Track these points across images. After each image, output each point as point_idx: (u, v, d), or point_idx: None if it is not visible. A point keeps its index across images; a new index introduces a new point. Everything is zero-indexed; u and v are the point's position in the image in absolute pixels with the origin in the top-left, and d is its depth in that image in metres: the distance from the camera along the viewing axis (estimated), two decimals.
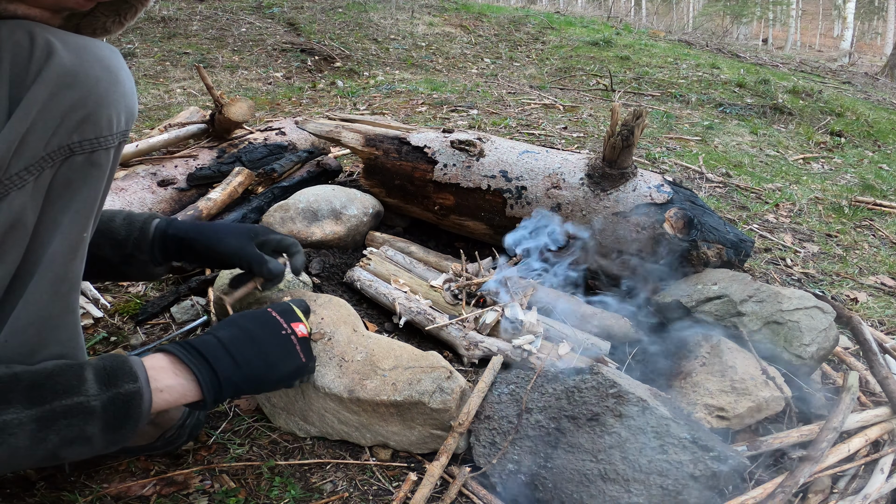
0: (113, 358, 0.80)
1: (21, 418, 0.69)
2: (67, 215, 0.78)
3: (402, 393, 1.11)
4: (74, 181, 0.77)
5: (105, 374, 0.77)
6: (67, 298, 0.81)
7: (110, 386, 0.77)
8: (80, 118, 0.75)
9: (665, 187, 1.56)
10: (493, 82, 4.82)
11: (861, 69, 10.27)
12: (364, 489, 1.07)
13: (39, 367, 0.74)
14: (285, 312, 0.99)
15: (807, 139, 3.86)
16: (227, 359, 0.89)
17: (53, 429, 0.72)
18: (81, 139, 0.76)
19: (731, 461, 0.98)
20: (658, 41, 7.52)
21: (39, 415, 0.71)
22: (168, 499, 1.01)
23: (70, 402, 0.73)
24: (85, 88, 0.76)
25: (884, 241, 2.38)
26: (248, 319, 0.96)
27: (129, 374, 0.79)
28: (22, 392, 0.70)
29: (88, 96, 0.76)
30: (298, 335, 0.98)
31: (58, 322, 0.81)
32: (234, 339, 0.91)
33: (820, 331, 1.28)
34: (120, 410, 0.77)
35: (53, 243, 0.76)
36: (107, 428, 0.76)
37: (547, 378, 1.15)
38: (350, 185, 2.08)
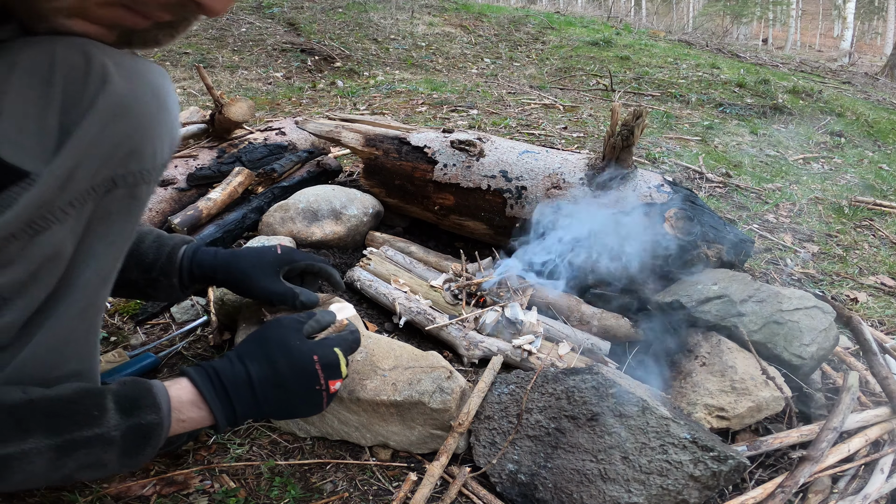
0: (135, 385, 0.78)
1: (40, 447, 0.68)
2: (103, 245, 0.76)
3: (402, 393, 1.10)
4: (114, 213, 0.76)
5: (126, 402, 0.75)
6: (93, 321, 0.81)
7: (131, 415, 0.75)
8: (128, 151, 0.74)
9: (665, 187, 1.56)
10: (493, 82, 4.82)
11: (861, 69, 10.27)
12: (364, 489, 1.07)
13: (58, 393, 0.72)
14: (330, 367, 0.91)
15: (807, 139, 3.86)
16: (251, 399, 0.85)
17: (72, 457, 0.70)
18: (125, 172, 0.75)
19: (731, 461, 0.98)
20: (658, 41, 7.52)
21: (59, 444, 0.69)
22: (168, 499, 1.00)
23: (90, 434, 0.71)
24: (136, 120, 0.74)
25: (884, 241, 2.38)
26: (289, 364, 0.88)
27: (152, 405, 0.77)
28: (41, 421, 0.68)
29: (138, 128, 0.74)
30: (331, 391, 0.91)
31: (81, 344, 0.80)
32: (265, 381, 0.86)
33: (820, 331, 1.28)
34: (140, 440, 0.75)
35: (87, 272, 0.75)
36: (124, 455, 0.75)
37: (547, 378, 1.15)
38: (350, 185, 2.08)
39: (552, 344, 1.40)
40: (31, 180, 0.65)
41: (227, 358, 0.88)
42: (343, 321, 1.00)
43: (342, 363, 0.93)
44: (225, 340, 1.36)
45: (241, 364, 0.86)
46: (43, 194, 0.66)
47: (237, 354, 0.88)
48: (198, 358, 1.34)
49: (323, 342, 0.93)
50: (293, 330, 0.92)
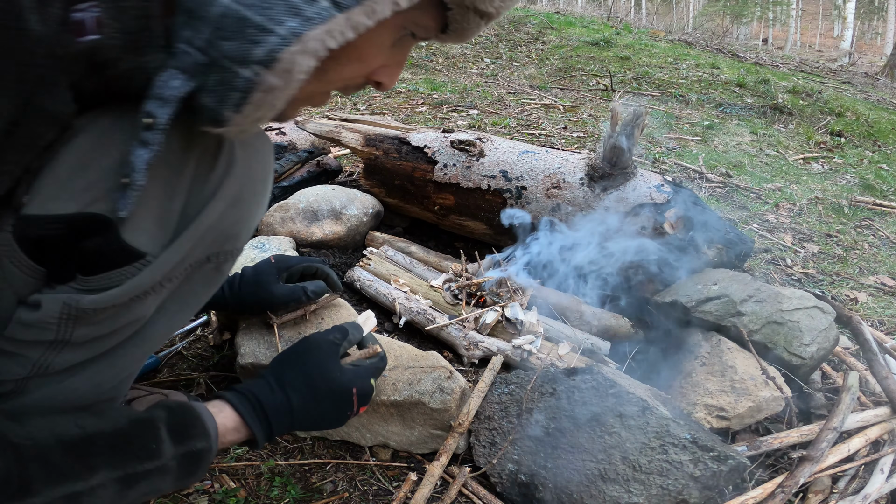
0: (184, 411, 0.78)
1: (105, 482, 0.67)
2: (177, 306, 0.78)
3: (402, 393, 1.10)
4: (197, 282, 0.77)
5: (178, 430, 0.75)
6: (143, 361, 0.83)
7: (183, 443, 0.75)
8: (230, 235, 0.75)
9: (665, 187, 1.56)
10: (493, 82, 4.82)
11: (861, 69, 10.26)
12: (364, 489, 1.07)
13: (115, 427, 0.71)
14: (365, 398, 0.93)
15: (807, 139, 3.86)
16: (288, 422, 0.87)
17: (134, 488, 0.71)
18: (220, 251, 0.76)
19: (731, 461, 0.98)
20: (658, 41, 7.52)
21: (122, 477, 0.69)
22: (168, 499, 1.01)
23: (150, 466, 0.71)
24: (246, 208, 0.76)
25: (884, 241, 2.38)
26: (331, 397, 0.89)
27: (202, 433, 0.78)
28: (104, 456, 0.68)
29: (245, 215, 0.76)
30: (359, 413, 0.95)
31: (127, 380, 0.82)
32: (304, 408, 0.88)
33: (820, 331, 1.28)
34: (191, 466, 0.76)
35: (156, 327, 0.77)
36: (177, 480, 0.76)
37: (547, 378, 1.15)
38: (350, 185, 2.08)
39: (552, 344, 1.40)
40: (146, 262, 0.65)
41: (268, 383, 0.88)
42: (375, 348, 1.03)
43: (374, 392, 0.96)
44: (225, 340, 1.36)
45: (283, 392, 0.87)
46: (153, 275, 0.67)
47: (277, 381, 0.88)
48: (198, 358, 1.34)
49: (361, 373, 0.95)
50: (332, 356, 0.93)
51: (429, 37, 0.69)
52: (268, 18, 0.53)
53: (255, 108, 0.58)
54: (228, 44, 0.54)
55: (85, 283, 0.64)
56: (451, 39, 0.70)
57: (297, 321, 1.20)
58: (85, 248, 0.63)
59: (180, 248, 0.68)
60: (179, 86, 0.57)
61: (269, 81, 0.55)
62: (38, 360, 0.68)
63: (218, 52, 0.55)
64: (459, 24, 0.66)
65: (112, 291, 0.64)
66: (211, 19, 0.54)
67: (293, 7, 0.52)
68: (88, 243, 0.63)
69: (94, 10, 0.54)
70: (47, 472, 0.62)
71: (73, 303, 0.63)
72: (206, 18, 0.54)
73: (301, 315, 1.20)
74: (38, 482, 0.62)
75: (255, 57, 0.54)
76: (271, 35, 0.53)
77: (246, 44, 0.54)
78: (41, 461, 0.62)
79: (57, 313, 0.64)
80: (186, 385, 1.27)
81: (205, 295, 0.82)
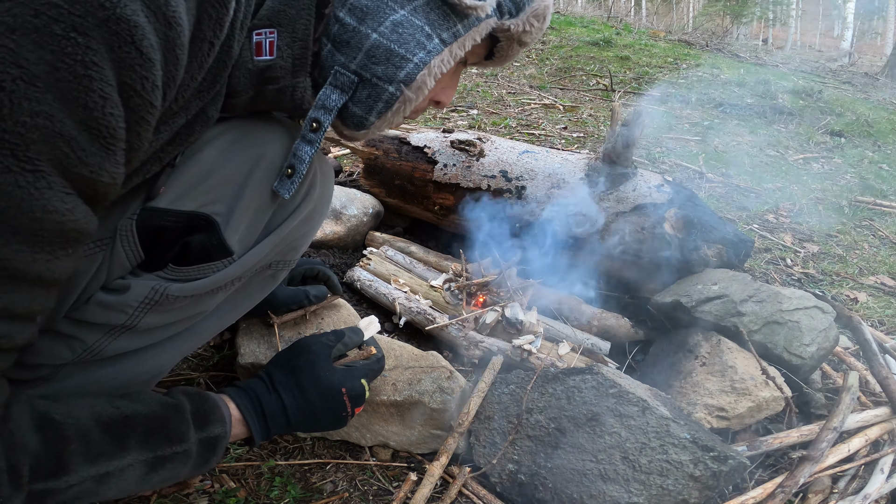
0: (203, 400, 0.81)
1: (135, 463, 0.70)
2: (231, 307, 0.85)
3: (402, 393, 1.10)
4: (253, 286, 0.86)
5: (199, 416, 0.79)
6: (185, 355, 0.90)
7: (203, 428, 0.78)
8: (294, 247, 0.85)
9: (665, 187, 1.56)
10: (493, 82, 4.82)
11: (861, 69, 10.26)
12: (364, 489, 1.07)
13: (149, 410, 0.74)
14: (356, 397, 0.95)
15: (807, 139, 3.86)
16: (285, 423, 0.90)
17: (159, 472, 0.73)
18: (282, 260, 0.85)
19: (731, 461, 0.98)
20: (658, 41, 7.51)
21: (150, 459, 0.72)
22: (168, 499, 1.00)
23: (179, 450, 0.74)
24: (314, 224, 0.86)
25: (884, 241, 2.38)
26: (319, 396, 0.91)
27: (219, 419, 0.81)
28: (139, 438, 0.71)
29: (310, 231, 0.87)
30: (354, 414, 0.96)
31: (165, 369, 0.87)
32: (298, 409, 0.90)
33: (820, 331, 1.28)
34: (209, 452, 0.79)
35: (208, 323, 0.84)
36: (195, 466, 0.78)
37: (547, 378, 1.15)
38: (350, 185, 2.08)
39: (552, 344, 1.40)
40: (231, 260, 0.75)
41: (263, 383, 0.91)
42: (371, 349, 1.03)
43: (366, 392, 0.97)
44: (225, 340, 1.36)
45: (275, 393, 0.90)
46: (233, 273, 0.76)
47: (271, 380, 0.91)
48: (198, 358, 1.34)
49: (351, 373, 0.96)
50: (322, 357, 0.95)
51: (477, 62, 0.85)
52: (406, 50, 0.71)
53: (393, 115, 0.76)
54: (379, 67, 0.72)
55: (176, 272, 0.72)
56: (493, 64, 0.86)
57: (297, 321, 1.20)
58: (189, 242, 0.73)
59: (259, 253, 0.78)
60: (337, 99, 0.74)
61: (407, 95, 0.74)
62: (92, 344, 0.72)
63: (370, 73, 0.73)
64: (504, 52, 0.83)
65: (198, 282, 0.73)
66: (364, 50, 0.71)
67: (420, 43, 0.72)
68: (194, 237, 0.73)
69: (272, 35, 0.69)
70: (86, 451, 0.65)
71: (161, 288, 0.71)
72: (359, 48, 0.72)
73: (301, 315, 1.20)
74: (76, 461, 0.64)
75: (399, 77, 0.72)
76: (409, 62, 0.72)
77: (392, 68, 0.72)
78: (82, 440, 0.65)
79: (142, 297, 0.70)
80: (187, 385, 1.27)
81: (256, 299, 0.89)
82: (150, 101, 0.54)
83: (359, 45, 0.71)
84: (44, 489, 0.61)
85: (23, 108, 0.46)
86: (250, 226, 0.76)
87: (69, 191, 0.51)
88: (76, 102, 0.48)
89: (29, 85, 0.46)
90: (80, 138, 0.49)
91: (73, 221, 0.53)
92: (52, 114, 0.47)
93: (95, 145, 0.51)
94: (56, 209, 0.50)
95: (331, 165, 0.90)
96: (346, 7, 0.71)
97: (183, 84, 0.60)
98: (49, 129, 0.47)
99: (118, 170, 0.55)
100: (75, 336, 0.70)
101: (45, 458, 0.61)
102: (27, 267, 0.52)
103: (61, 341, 0.70)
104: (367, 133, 0.79)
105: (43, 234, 0.51)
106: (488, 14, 0.74)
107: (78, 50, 0.47)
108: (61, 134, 0.48)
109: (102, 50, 0.48)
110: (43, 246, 0.52)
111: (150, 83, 0.53)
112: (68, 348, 0.70)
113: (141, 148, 0.57)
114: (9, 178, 0.47)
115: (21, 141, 0.47)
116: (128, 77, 0.51)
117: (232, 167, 0.74)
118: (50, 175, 0.49)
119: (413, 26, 0.71)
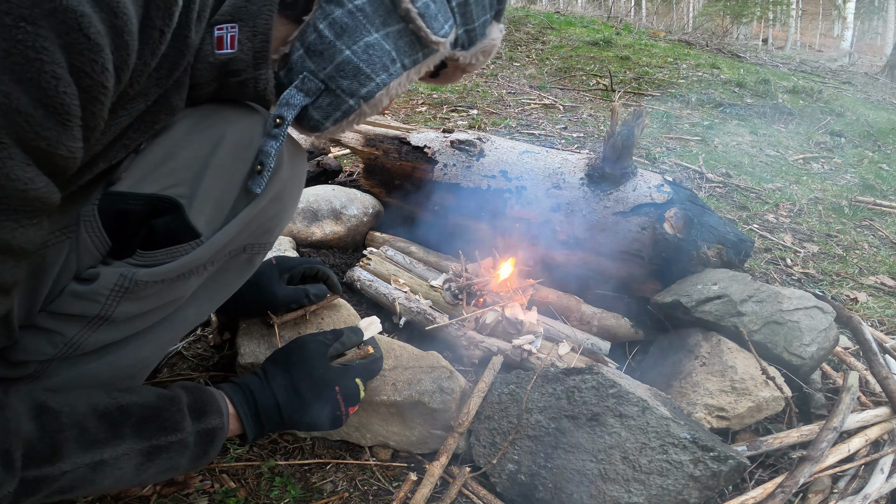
0: (200, 392, 0.83)
1: (130, 452, 0.72)
2: (209, 294, 0.85)
3: (402, 393, 1.10)
4: (230, 272, 0.85)
5: (196, 407, 0.80)
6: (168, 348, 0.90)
7: (200, 419, 0.80)
8: (267, 229, 0.85)
9: (665, 187, 1.55)
10: (493, 82, 4.81)
11: (861, 69, 10.26)
12: (364, 489, 1.07)
13: (146, 400, 0.76)
14: (351, 396, 0.96)
15: (807, 139, 3.86)
16: (279, 420, 0.91)
17: (155, 462, 0.74)
18: (255, 243, 0.85)
19: (731, 461, 0.98)
20: (658, 41, 7.51)
21: (146, 449, 0.73)
22: (168, 499, 1.01)
23: (174, 439, 0.76)
24: (285, 204, 0.87)
25: (884, 241, 2.38)
26: (312, 393, 0.92)
27: (216, 411, 0.82)
28: (133, 426, 0.72)
29: (280, 212, 0.87)
30: (349, 414, 0.96)
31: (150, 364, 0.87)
32: (290, 406, 0.91)
33: (820, 331, 1.28)
34: (207, 444, 0.80)
35: (186, 313, 0.83)
36: (193, 458, 0.79)
37: (547, 378, 1.15)
38: (350, 185, 2.08)
39: (552, 344, 1.40)
40: (199, 242, 0.75)
41: (259, 380, 0.92)
42: (368, 349, 1.04)
43: (361, 391, 0.97)
44: (225, 340, 1.36)
45: (270, 390, 0.90)
46: (202, 255, 0.76)
47: (266, 376, 0.92)
48: (198, 358, 1.34)
49: (346, 371, 0.97)
50: (318, 355, 0.96)
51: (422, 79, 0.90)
52: (372, 70, 0.77)
53: (346, 124, 0.82)
54: (345, 81, 0.77)
55: (143, 257, 0.72)
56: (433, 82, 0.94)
57: (297, 321, 1.20)
58: (154, 225, 0.74)
59: (228, 234, 0.78)
60: (301, 100, 0.78)
61: (364, 109, 0.80)
62: (72, 337, 0.72)
63: (336, 84, 0.78)
64: (448, 76, 0.92)
65: (166, 266, 0.73)
66: (335, 63, 0.76)
67: (385, 66, 0.78)
68: (158, 221, 0.73)
69: (233, 30, 0.72)
70: (81, 438, 0.67)
71: (129, 275, 0.71)
72: (330, 61, 0.76)
73: (301, 315, 1.20)
74: (70, 447, 0.66)
75: (361, 93, 0.79)
76: (372, 82, 0.78)
77: (356, 84, 0.78)
78: (77, 427, 0.67)
79: (112, 284, 0.71)
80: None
81: (234, 285, 0.89)
82: (102, 82, 0.57)
83: (331, 57, 0.76)
84: (38, 475, 0.63)
85: None
86: (217, 207, 0.77)
87: (29, 162, 0.55)
88: (30, 82, 0.52)
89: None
90: (35, 114, 0.53)
91: (36, 190, 0.56)
92: (9, 92, 0.51)
93: (52, 120, 0.55)
94: (18, 177, 0.54)
95: (302, 148, 0.91)
96: (328, 21, 0.75)
97: (136, 69, 0.63)
98: (7, 106, 0.52)
99: (76, 144, 0.58)
100: (54, 330, 0.71)
101: (40, 444, 0.64)
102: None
103: (42, 336, 0.71)
104: (318, 135, 0.84)
105: (8, 202, 0.55)
106: (447, 48, 0.82)
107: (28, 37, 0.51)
108: (18, 110, 0.52)
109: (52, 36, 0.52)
110: (8, 213, 0.56)
111: (100, 66, 0.56)
112: (49, 343, 0.71)
113: (97, 127, 0.60)
114: None
115: None
116: (77, 60, 0.54)
117: (193, 149, 0.75)
118: (10, 147, 0.53)
119: (382, 50, 0.77)
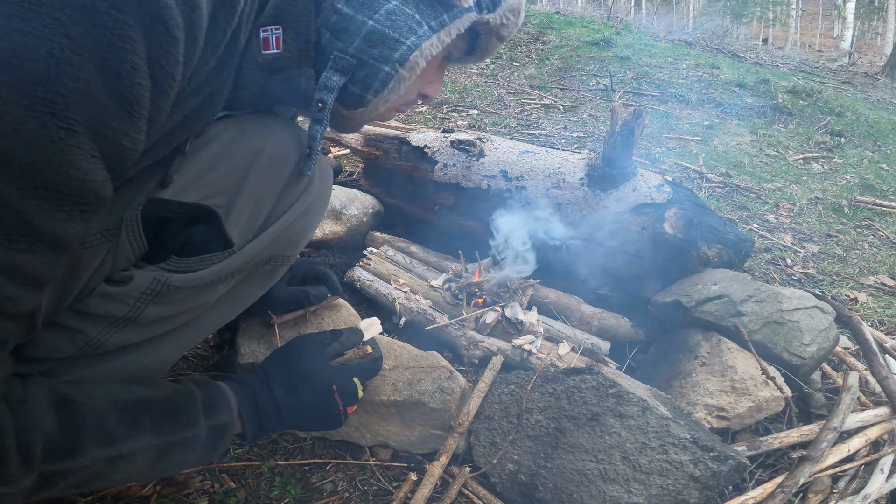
0: (211, 387, 0.84)
1: (146, 447, 0.72)
2: (231, 302, 0.87)
3: (402, 393, 1.10)
4: (253, 281, 0.87)
5: (209, 403, 0.81)
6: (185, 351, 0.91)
7: (212, 415, 0.81)
8: (293, 242, 0.87)
9: (665, 187, 1.55)
10: (493, 82, 4.81)
11: (861, 69, 10.26)
12: (364, 489, 1.07)
13: (163, 395, 0.77)
14: (348, 395, 0.96)
15: (807, 139, 3.86)
16: (278, 419, 0.92)
17: (168, 457, 0.75)
18: (281, 255, 0.87)
19: (731, 461, 0.98)
20: (658, 41, 7.51)
21: (163, 444, 0.74)
22: (168, 499, 1.01)
23: (189, 434, 0.77)
24: (312, 218, 0.89)
25: (884, 241, 2.38)
26: (310, 392, 0.93)
27: (227, 406, 0.83)
28: (152, 421, 0.73)
29: (308, 226, 0.89)
30: (347, 414, 0.97)
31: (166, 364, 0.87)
32: (289, 405, 0.91)
33: (820, 331, 1.28)
34: (217, 438, 0.81)
35: (208, 318, 0.85)
36: (204, 453, 0.80)
37: (547, 378, 1.15)
38: (350, 185, 2.08)
39: (552, 344, 1.40)
40: (232, 251, 0.78)
41: (259, 378, 0.92)
42: (367, 348, 1.04)
43: (359, 390, 0.98)
44: (224, 340, 1.36)
45: (269, 388, 0.91)
46: (234, 265, 0.78)
47: (266, 376, 0.93)
48: (198, 358, 1.34)
49: (344, 370, 0.97)
50: (315, 354, 0.96)
51: (460, 57, 0.90)
52: (400, 34, 0.77)
53: (389, 92, 0.81)
54: (375, 49, 0.77)
55: (177, 263, 0.74)
56: (473, 60, 0.92)
57: (297, 321, 1.20)
58: (191, 232, 0.76)
59: (259, 245, 0.80)
60: (338, 80, 0.78)
61: (401, 73, 0.79)
62: (94, 337, 0.72)
63: (367, 55, 0.78)
64: (484, 45, 0.88)
65: (199, 273, 0.75)
66: (361, 35, 0.77)
67: (412, 29, 0.77)
68: (196, 228, 0.76)
69: (277, 31, 0.75)
70: (101, 432, 0.68)
71: (163, 279, 0.73)
72: (357, 34, 0.77)
73: (301, 315, 1.20)
74: (90, 441, 0.66)
75: (394, 58, 0.78)
76: (403, 45, 0.77)
77: (387, 50, 0.77)
78: (98, 421, 0.68)
79: (144, 288, 0.72)
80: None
81: (255, 295, 0.91)
82: (173, 75, 0.59)
83: (357, 31, 0.77)
84: (57, 470, 0.64)
85: (66, 73, 0.52)
86: (251, 218, 0.79)
87: (94, 153, 0.56)
88: (111, 71, 0.54)
89: (74, 53, 0.52)
90: (108, 104, 0.55)
91: (93, 182, 0.57)
92: (90, 80, 0.53)
93: (122, 111, 0.56)
94: (80, 167, 0.55)
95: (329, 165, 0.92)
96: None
97: (198, 67, 0.64)
98: (85, 93, 0.53)
99: (139, 136, 0.59)
100: (77, 328, 0.71)
101: (60, 438, 0.64)
102: (43, 224, 0.56)
103: (63, 334, 0.71)
104: (364, 112, 0.83)
105: (65, 191, 0.56)
106: (470, 6, 0.81)
107: (117, 25, 0.53)
108: (95, 98, 0.54)
109: (137, 26, 0.54)
110: (63, 204, 0.56)
111: (174, 59, 0.58)
112: (69, 341, 0.71)
113: (159, 121, 0.62)
114: (45, 134, 0.52)
115: (61, 101, 0.52)
116: (155, 51, 0.56)
117: (233, 161, 0.78)
118: (82, 134, 0.54)
119: (405, 14, 0.77)
